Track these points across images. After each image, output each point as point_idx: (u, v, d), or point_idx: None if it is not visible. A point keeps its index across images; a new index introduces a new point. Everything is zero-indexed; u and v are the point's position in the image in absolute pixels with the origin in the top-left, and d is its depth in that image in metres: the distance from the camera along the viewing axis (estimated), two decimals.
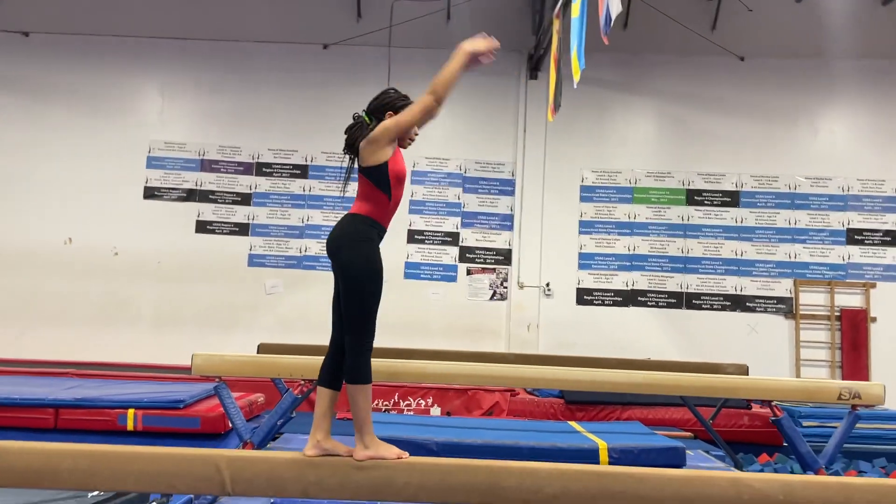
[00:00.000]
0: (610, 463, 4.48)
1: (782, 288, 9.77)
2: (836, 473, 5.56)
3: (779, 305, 9.75)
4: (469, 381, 5.15)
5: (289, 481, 2.53)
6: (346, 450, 2.73)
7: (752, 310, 9.76)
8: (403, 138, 2.95)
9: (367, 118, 2.96)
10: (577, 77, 6.15)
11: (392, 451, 2.70)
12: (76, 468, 2.53)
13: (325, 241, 9.77)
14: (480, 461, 2.67)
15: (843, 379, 9.17)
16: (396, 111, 2.93)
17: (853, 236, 9.80)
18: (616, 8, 5.50)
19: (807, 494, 2.48)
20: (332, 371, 2.91)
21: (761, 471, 5.98)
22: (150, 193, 9.95)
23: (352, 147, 2.95)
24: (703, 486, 2.54)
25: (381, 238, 2.87)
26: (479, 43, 2.82)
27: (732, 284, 9.79)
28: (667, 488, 2.54)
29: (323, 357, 4.82)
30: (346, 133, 2.97)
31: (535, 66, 9.85)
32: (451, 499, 2.57)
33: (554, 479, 2.56)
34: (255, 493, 2.58)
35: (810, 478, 2.59)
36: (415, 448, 4.24)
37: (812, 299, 9.74)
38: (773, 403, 4.63)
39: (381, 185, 2.83)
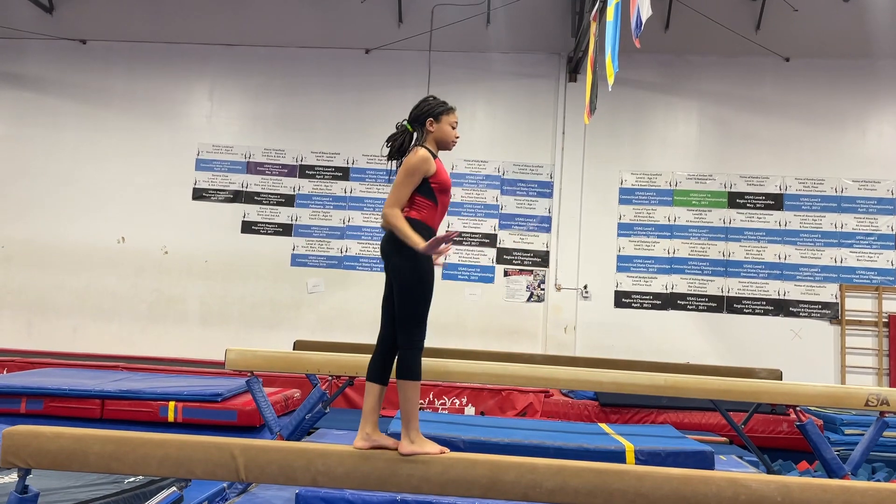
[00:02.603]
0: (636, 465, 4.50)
1: (827, 293, 9.56)
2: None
3: (824, 311, 9.55)
4: (492, 380, 5.20)
5: (298, 469, 2.66)
6: (393, 443, 2.86)
7: (796, 315, 9.57)
8: (448, 143, 3.12)
9: (409, 127, 3.09)
10: (610, 80, 6.16)
11: (434, 447, 2.82)
12: (103, 452, 2.70)
13: (365, 242, 9.93)
14: (482, 455, 2.76)
15: (892, 387, 8.93)
16: (436, 118, 3.08)
17: None
18: (646, 12, 5.50)
19: (804, 496, 2.49)
20: (380, 367, 3.06)
21: None
22: (199, 194, 10.29)
23: (397, 152, 3.10)
24: (700, 486, 2.57)
25: None
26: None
27: (775, 289, 9.62)
28: (665, 486, 2.58)
29: (356, 354, 4.98)
30: (388, 141, 3.11)
31: (574, 68, 9.85)
32: (452, 492, 2.66)
33: (553, 474, 2.63)
34: (267, 480, 2.71)
35: (809, 480, 2.59)
36: (442, 445, 4.35)
37: (859, 305, 9.50)
38: (799, 408, 4.58)
39: (427, 194, 2.99)
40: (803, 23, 9.49)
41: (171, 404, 5.86)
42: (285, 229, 10.21)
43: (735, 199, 9.83)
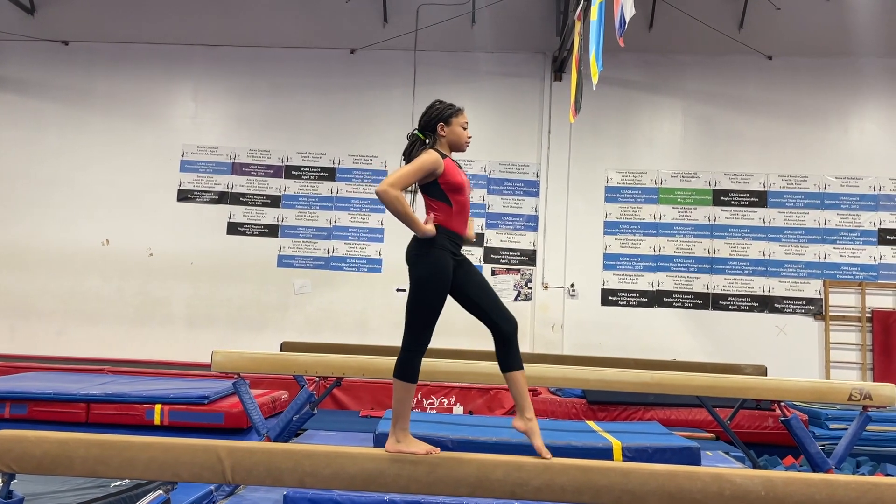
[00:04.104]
0: (624, 461, 4.52)
1: (811, 289, 9.64)
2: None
3: (808, 307, 9.63)
4: (480, 379, 5.21)
5: (285, 471, 2.65)
6: (539, 445, 2.85)
7: (781, 311, 9.65)
8: (461, 144, 3.12)
9: (421, 135, 3.09)
10: (595, 79, 6.18)
11: (421, 447, 2.82)
12: (88, 456, 2.69)
13: (351, 242, 9.93)
14: (468, 454, 2.76)
15: (875, 382, 9.01)
16: (446, 121, 3.08)
17: (885, 236, 9.63)
18: (629, 11, 5.53)
19: (788, 491, 2.51)
20: (501, 356, 3.03)
21: None
22: (184, 196, 10.24)
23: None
24: (685, 481, 2.59)
25: (457, 244, 3.02)
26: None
27: (760, 285, 9.70)
28: (650, 482, 2.60)
29: (344, 355, 4.97)
30: (404, 154, 3.09)
31: (559, 67, 9.89)
32: (440, 491, 2.67)
33: (540, 472, 2.64)
34: (254, 482, 2.71)
35: (793, 474, 2.62)
36: (431, 445, 4.35)
37: (842, 300, 9.59)
38: (784, 404, 4.62)
39: (439, 196, 2.99)
40: (786, 21, 9.58)
41: (158, 407, 5.83)
42: (271, 230, 10.18)
43: (720, 197, 9.89)
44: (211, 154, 10.31)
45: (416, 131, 3.11)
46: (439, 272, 2.92)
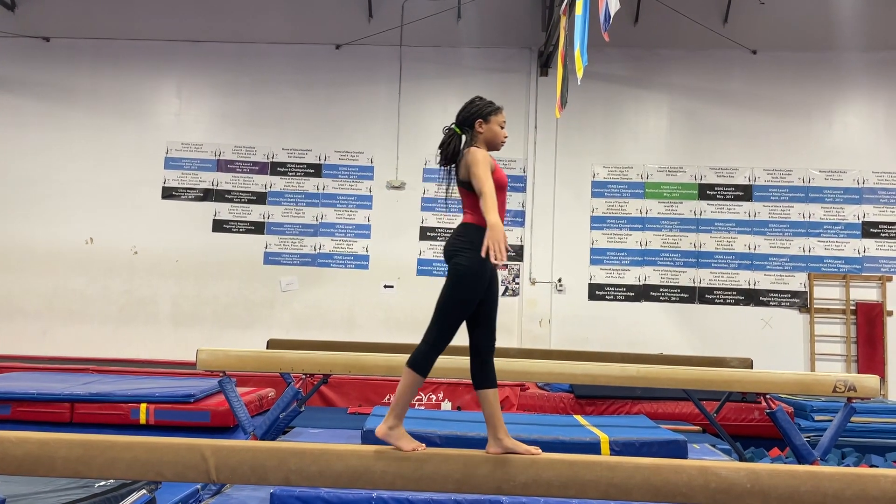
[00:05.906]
0: (611, 455, 4.54)
1: (796, 282, 9.71)
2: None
3: (793, 300, 9.69)
4: (467, 375, 5.20)
5: (270, 469, 2.63)
6: (525, 449, 2.77)
7: (766, 304, 9.71)
8: (497, 143, 3.05)
9: (457, 130, 3.03)
10: (580, 73, 6.18)
11: (408, 444, 2.78)
12: (70, 456, 2.65)
13: (338, 238, 9.88)
14: (455, 450, 2.76)
15: (860, 374, 9.08)
16: (485, 119, 3.02)
17: (869, 229, 9.71)
18: (614, 5, 5.53)
19: (773, 482, 2.52)
20: (479, 371, 2.96)
21: None
22: (168, 193, 10.16)
23: (452, 157, 2.99)
24: (671, 475, 2.59)
25: None
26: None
27: (746, 279, 9.76)
28: (637, 476, 2.60)
29: (330, 352, 4.95)
30: (440, 148, 3.02)
31: (545, 62, 9.89)
32: (426, 487, 2.66)
33: (526, 467, 2.64)
34: (239, 481, 2.69)
35: (778, 466, 2.63)
36: (418, 440, 4.35)
37: (827, 293, 9.66)
38: (769, 396, 4.65)
39: None
40: (770, 16, 9.62)
41: (143, 406, 5.77)
42: (257, 227, 10.13)
43: (705, 191, 9.94)
44: (195, 151, 10.23)
45: (453, 126, 3.05)
46: (483, 268, 2.83)
